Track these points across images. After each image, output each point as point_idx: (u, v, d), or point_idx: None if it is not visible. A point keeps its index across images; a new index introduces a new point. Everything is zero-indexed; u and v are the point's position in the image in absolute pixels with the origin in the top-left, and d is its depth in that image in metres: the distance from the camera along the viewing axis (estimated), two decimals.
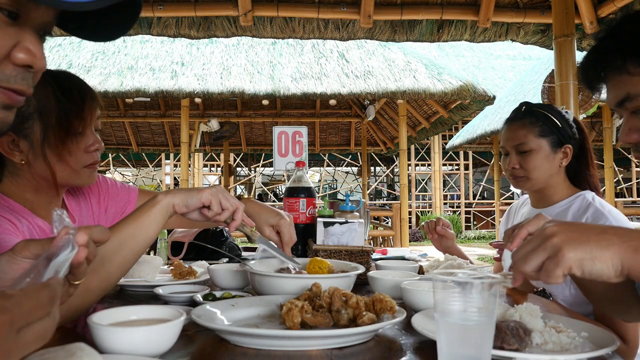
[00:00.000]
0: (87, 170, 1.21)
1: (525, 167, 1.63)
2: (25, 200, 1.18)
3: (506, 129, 1.70)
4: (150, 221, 1.03)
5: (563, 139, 1.62)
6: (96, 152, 1.22)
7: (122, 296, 1.30)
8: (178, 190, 1.09)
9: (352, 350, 0.82)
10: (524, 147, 1.62)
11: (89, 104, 1.20)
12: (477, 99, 6.36)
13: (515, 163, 1.64)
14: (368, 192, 14.57)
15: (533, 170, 1.62)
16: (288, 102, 9.31)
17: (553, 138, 1.62)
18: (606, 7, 3.15)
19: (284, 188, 1.67)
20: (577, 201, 1.60)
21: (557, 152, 1.63)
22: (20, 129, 1.12)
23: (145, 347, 0.73)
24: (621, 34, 0.93)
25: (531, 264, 0.75)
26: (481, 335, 0.66)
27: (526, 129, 1.63)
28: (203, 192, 1.08)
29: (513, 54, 15.22)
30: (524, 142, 1.62)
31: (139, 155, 14.34)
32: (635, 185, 14.29)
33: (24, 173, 1.17)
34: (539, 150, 1.61)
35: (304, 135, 2.28)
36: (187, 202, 1.06)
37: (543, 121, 1.62)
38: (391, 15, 3.42)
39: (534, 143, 1.61)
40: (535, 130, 1.62)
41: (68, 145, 1.16)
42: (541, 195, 1.69)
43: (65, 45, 7.44)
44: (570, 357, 0.76)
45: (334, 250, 1.45)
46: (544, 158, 1.61)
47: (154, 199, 1.05)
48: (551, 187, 1.65)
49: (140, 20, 3.41)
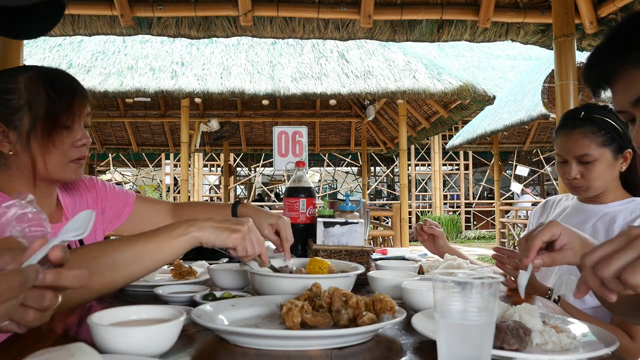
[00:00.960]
0: (73, 165, 1.23)
1: (588, 177, 1.57)
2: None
3: (565, 137, 1.61)
4: (172, 247, 1.01)
5: (624, 144, 1.56)
6: (83, 147, 1.24)
7: (122, 296, 1.29)
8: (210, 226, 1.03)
9: (352, 350, 0.82)
10: (587, 159, 1.55)
11: (78, 100, 1.22)
12: (477, 99, 6.35)
13: (577, 173, 1.58)
14: (368, 192, 14.56)
15: (595, 180, 1.56)
16: (288, 102, 9.31)
17: (615, 145, 1.55)
18: (606, 7, 3.15)
19: (284, 188, 1.67)
20: (631, 205, 1.56)
21: (618, 159, 1.57)
22: (10, 120, 1.16)
23: (145, 347, 0.73)
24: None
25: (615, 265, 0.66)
26: (481, 335, 0.66)
27: (589, 139, 1.55)
28: (231, 237, 1.03)
29: (513, 54, 15.23)
30: (587, 153, 1.54)
31: (139, 155, 14.34)
32: None
33: (12, 164, 1.20)
34: (602, 159, 1.55)
35: (304, 135, 2.28)
36: (214, 242, 1.03)
37: (606, 129, 1.55)
38: (391, 15, 3.42)
39: (597, 153, 1.54)
40: (598, 140, 1.54)
41: (54, 138, 1.18)
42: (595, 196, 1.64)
43: (65, 45, 7.44)
44: (570, 357, 0.75)
45: (334, 250, 1.45)
46: (606, 167, 1.56)
47: (185, 227, 1.01)
48: (607, 190, 1.61)
49: (140, 20, 3.41)
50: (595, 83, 0.92)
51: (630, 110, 0.88)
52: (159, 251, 1.00)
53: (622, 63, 0.85)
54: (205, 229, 1.02)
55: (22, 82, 1.17)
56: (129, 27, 3.41)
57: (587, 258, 0.70)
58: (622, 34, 0.87)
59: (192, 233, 1.01)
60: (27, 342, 0.87)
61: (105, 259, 0.97)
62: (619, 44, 0.86)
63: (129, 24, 3.37)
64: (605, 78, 0.89)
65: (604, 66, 0.89)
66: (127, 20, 3.34)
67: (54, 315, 1.05)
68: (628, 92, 0.86)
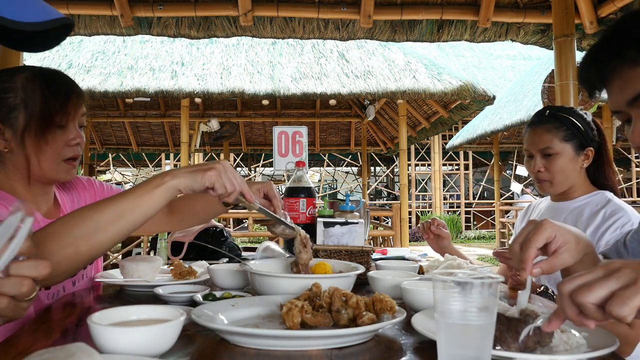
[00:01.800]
0: (65, 165, 1.25)
1: (550, 170, 1.70)
2: (15, 192, 1.22)
3: (530, 133, 1.75)
4: (151, 199, 1.02)
5: (585, 142, 1.69)
6: (77, 146, 1.26)
7: (122, 296, 1.30)
8: (184, 172, 1.06)
9: (352, 350, 0.82)
10: (549, 151, 1.69)
11: (73, 100, 1.25)
12: (477, 99, 6.36)
13: (541, 166, 1.71)
14: (368, 192, 14.56)
15: (558, 173, 1.69)
16: (288, 102, 9.31)
17: (576, 142, 1.68)
18: (606, 7, 3.15)
19: (284, 188, 1.68)
20: (596, 197, 1.68)
21: (579, 155, 1.69)
22: (7, 118, 1.19)
23: (145, 347, 0.73)
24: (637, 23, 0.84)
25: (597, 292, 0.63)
26: (481, 335, 0.66)
27: (551, 134, 1.69)
28: (206, 174, 1.05)
29: (513, 54, 15.23)
30: (549, 146, 1.68)
31: (139, 155, 14.35)
32: (635, 185, 14.29)
33: (8, 162, 1.23)
34: (563, 153, 1.68)
35: (304, 135, 2.28)
36: (191, 185, 1.05)
37: (567, 125, 1.68)
38: (391, 15, 3.42)
39: (558, 147, 1.68)
40: (560, 135, 1.68)
41: (48, 136, 1.21)
42: (562, 193, 1.76)
43: (65, 45, 7.44)
44: (570, 357, 0.75)
45: (334, 250, 1.45)
46: (567, 161, 1.68)
47: (160, 177, 1.05)
48: (573, 186, 1.73)
49: (140, 20, 3.41)
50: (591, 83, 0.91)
51: (626, 110, 0.87)
52: (139, 205, 1.01)
53: (617, 63, 0.85)
54: (180, 175, 1.05)
55: (19, 81, 1.19)
56: (129, 27, 3.41)
57: (564, 285, 0.67)
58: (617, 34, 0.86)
59: (168, 182, 1.03)
60: (27, 342, 0.87)
61: (88, 222, 0.98)
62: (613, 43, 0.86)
63: (129, 24, 3.37)
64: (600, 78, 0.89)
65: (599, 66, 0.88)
66: (127, 20, 3.34)
67: (54, 315, 1.05)
68: (623, 92, 0.85)
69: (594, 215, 1.64)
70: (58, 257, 0.94)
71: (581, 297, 0.64)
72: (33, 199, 1.26)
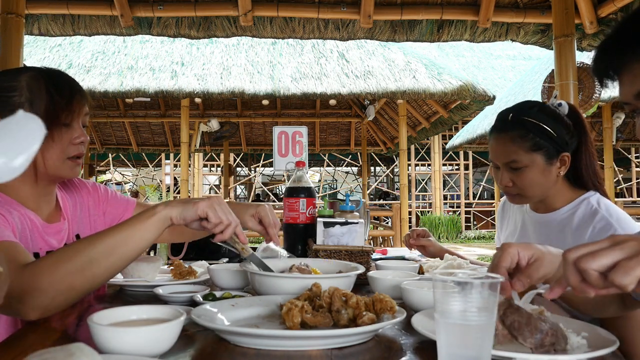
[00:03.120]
0: (70, 162, 1.26)
1: (519, 185, 1.46)
2: (17, 193, 1.22)
3: (494, 142, 1.51)
4: (145, 230, 1.03)
5: (559, 147, 1.44)
6: (81, 144, 1.28)
7: (122, 296, 1.30)
8: (176, 202, 1.08)
9: (352, 350, 0.82)
10: (515, 165, 1.45)
11: (77, 99, 1.26)
12: (477, 99, 6.35)
13: (508, 181, 1.48)
14: (368, 192, 14.56)
15: (528, 187, 1.46)
16: (288, 102, 9.31)
17: (547, 150, 1.43)
18: (606, 7, 3.15)
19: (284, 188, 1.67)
20: (582, 206, 1.46)
21: (553, 164, 1.45)
22: None
23: (145, 347, 0.73)
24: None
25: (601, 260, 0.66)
26: (481, 335, 0.66)
27: (516, 145, 1.43)
28: (199, 205, 1.07)
29: (513, 54, 15.23)
30: (515, 160, 1.44)
31: (139, 155, 14.35)
32: (635, 185, 14.29)
33: None
34: (533, 165, 1.43)
35: (304, 135, 2.28)
36: (184, 215, 1.07)
37: (535, 133, 1.43)
38: (391, 15, 3.42)
39: (526, 159, 1.43)
40: (527, 145, 1.43)
41: (53, 134, 1.22)
42: (541, 203, 1.54)
43: (65, 45, 7.44)
44: (570, 357, 0.75)
45: (334, 250, 1.45)
46: (539, 173, 1.44)
47: (152, 209, 1.06)
48: (551, 195, 1.50)
49: (140, 20, 3.41)
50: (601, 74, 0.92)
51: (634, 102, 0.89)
52: (133, 237, 1.02)
53: (628, 58, 0.86)
54: (172, 205, 1.07)
55: (24, 80, 1.20)
56: (129, 27, 3.41)
57: (570, 253, 0.69)
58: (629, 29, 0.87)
59: (160, 212, 1.05)
60: (27, 342, 0.87)
61: (82, 256, 0.98)
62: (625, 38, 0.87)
63: (129, 24, 3.37)
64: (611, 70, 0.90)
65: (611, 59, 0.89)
66: (127, 20, 3.34)
67: (54, 315, 1.05)
68: (633, 86, 0.87)
69: (581, 230, 1.42)
70: (52, 292, 0.94)
71: (585, 264, 0.66)
72: (36, 199, 1.26)
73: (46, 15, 3.43)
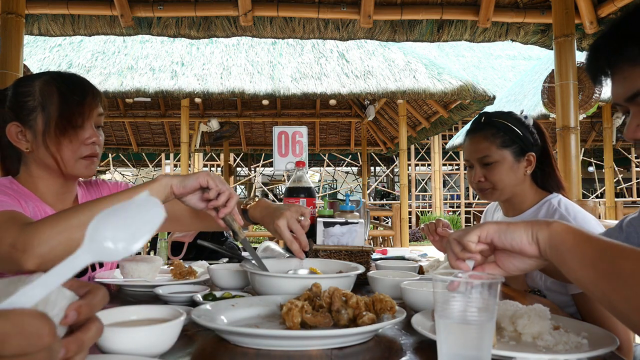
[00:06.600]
0: (84, 161, 1.33)
1: (491, 179, 1.64)
2: (37, 189, 1.32)
3: (468, 142, 1.70)
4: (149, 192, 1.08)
5: (525, 147, 1.63)
6: (94, 145, 1.33)
7: (122, 296, 1.30)
8: (177, 174, 1.15)
9: (352, 350, 0.82)
10: (487, 160, 1.63)
11: (89, 101, 1.32)
12: (477, 99, 6.36)
13: (481, 176, 1.65)
14: (368, 192, 14.56)
15: (499, 181, 1.63)
16: (288, 102, 9.31)
17: (515, 148, 1.62)
18: (606, 7, 3.15)
19: (284, 188, 1.67)
20: (544, 207, 1.62)
21: (520, 161, 1.63)
22: (26, 120, 1.28)
23: (145, 347, 0.73)
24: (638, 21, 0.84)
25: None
26: (481, 335, 0.66)
27: (488, 141, 1.63)
28: (200, 174, 1.15)
29: (513, 54, 15.22)
30: (487, 155, 1.63)
31: (139, 155, 14.34)
32: (635, 185, 14.29)
33: (31, 162, 1.32)
34: (503, 161, 1.62)
35: (304, 135, 2.28)
36: (184, 183, 1.13)
37: (504, 131, 1.62)
38: (391, 15, 3.42)
39: (497, 155, 1.62)
40: (497, 142, 1.62)
41: (65, 136, 1.28)
42: (510, 204, 1.71)
43: (65, 45, 7.44)
44: (570, 357, 0.75)
45: (334, 250, 1.45)
46: (508, 169, 1.62)
47: (153, 179, 1.13)
48: (518, 195, 1.67)
49: (140, 20, 3.41)
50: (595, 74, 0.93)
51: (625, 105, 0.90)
52: None
53: (617, 59, 0.86)
54: (174, 177, 1.14)
55: (37, 85, 1.28)
56: (129, 27, 3.41)
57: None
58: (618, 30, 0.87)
59: (162, 179, 1.12)
60: None
61: (84, 213, 1.03)
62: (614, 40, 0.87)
63: (129, 24, 3.38)
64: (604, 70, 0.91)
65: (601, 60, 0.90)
66: (127, 20, 3.35)
67: None
68: (623, 88, 0.87)
69: None
70: (53, 242, 0.98)
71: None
72: (54, 197, 1.33)
73: (46, 15, 3.43)
